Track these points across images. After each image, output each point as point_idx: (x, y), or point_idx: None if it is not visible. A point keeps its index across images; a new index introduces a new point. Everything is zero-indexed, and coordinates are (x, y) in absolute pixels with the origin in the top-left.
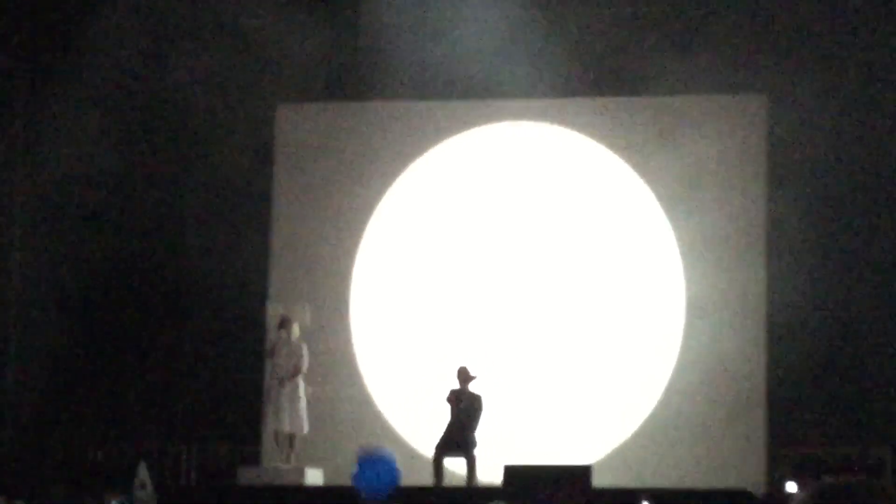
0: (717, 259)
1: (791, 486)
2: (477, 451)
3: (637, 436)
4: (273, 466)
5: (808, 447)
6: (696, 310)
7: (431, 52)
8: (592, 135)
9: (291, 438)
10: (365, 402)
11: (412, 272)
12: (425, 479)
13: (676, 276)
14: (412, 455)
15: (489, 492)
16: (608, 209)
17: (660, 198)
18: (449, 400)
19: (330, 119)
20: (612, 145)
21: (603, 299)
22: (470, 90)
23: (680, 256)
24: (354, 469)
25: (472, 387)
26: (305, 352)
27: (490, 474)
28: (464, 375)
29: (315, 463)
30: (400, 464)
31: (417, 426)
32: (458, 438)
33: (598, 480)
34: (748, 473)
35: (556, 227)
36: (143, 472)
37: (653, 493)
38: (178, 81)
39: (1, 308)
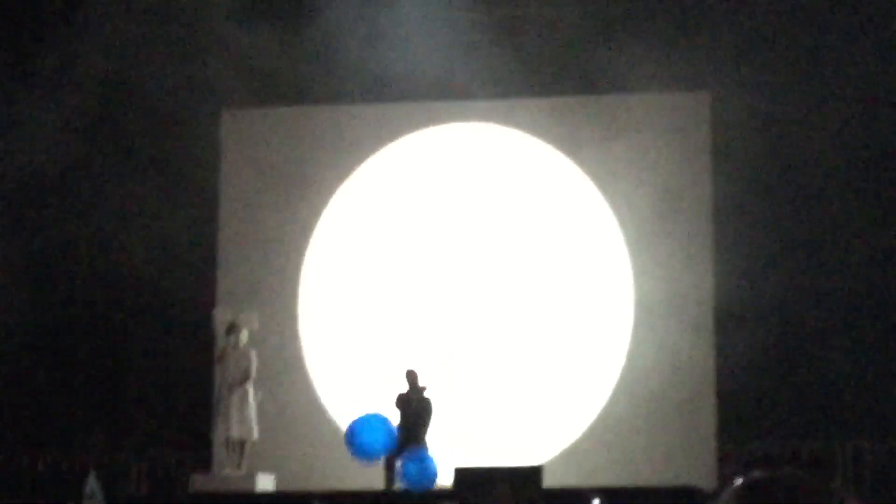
0: (665, 256)
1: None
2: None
3: (587, 435)
4: (224, 473)
5: (758, 443)
6: (644, 307)
7: (377, 54)
8: (539, 134)
9: (242, 445)
10: (315, 406)
11: (361, 275)
12: (377, 482)
13: (624, 274)
14: None
15: (441, 494)
16: (556, 209)
17: (606, 196)
18: (397, 405)
19: (276, 123)
20: (559, 145)
21: (551, 298)
22: (416, 92)
23: (628, 254)
24: (399, 464)
25: (421, 389)
26: (254, 357)
27: (441, 476)
28: (412, 379)
29: (266, 469)
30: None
31: None
32: (409, 441)
33: (549, 480)
34: (699, 470)
35: (505, 228)
36: (92, 482)
37: (604, 492)
38: (128, 81)
39: None
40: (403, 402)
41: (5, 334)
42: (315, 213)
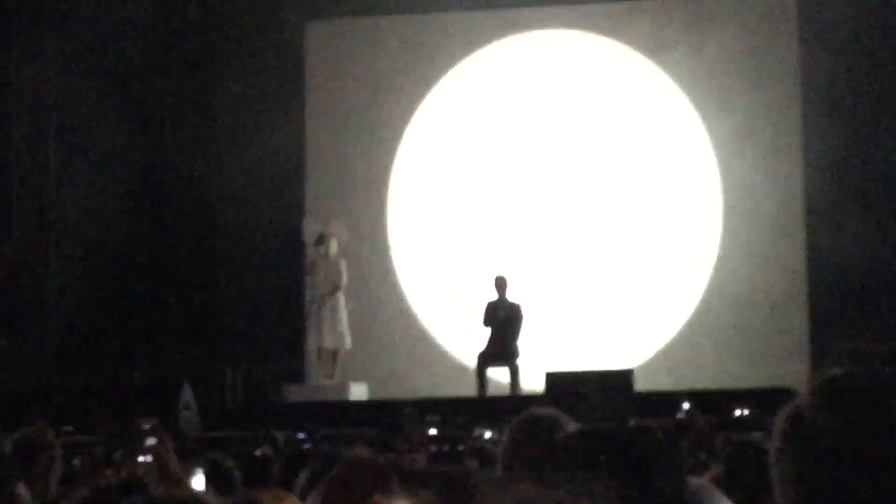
0: (753, 156)
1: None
2: (519, 360)
3: (678, 338)
4: (318, 383)
5: (852, 342)
6: (733, 209)
7: None
8: (620, 38)
9: (335, 354)
10: (406, 315)
11: (448, 184)
12: (470, 389)
13: (712, 176)
14: (455, 366)
15: (532, 399)
16: (640, 112)
17: (691, 97)
18: (487, 313)
19: (360, 34)
20: (641, 48)
21: (639, 203)
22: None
23: (714, 155)
24: None
25: (511, 295)
26: (344, 267)
27: (532, 382)
28: (500, 285)
29: (359, 378)
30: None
31: (459, 337)
32: (501, 348)
33: (641, 384)
34: (792, 371)
35: (590, 133)
36: (187, 394)
37: (696, 395)
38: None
39: (42, 236)
40: (493, 309)
41: (108, 255)
42: (401, 123)
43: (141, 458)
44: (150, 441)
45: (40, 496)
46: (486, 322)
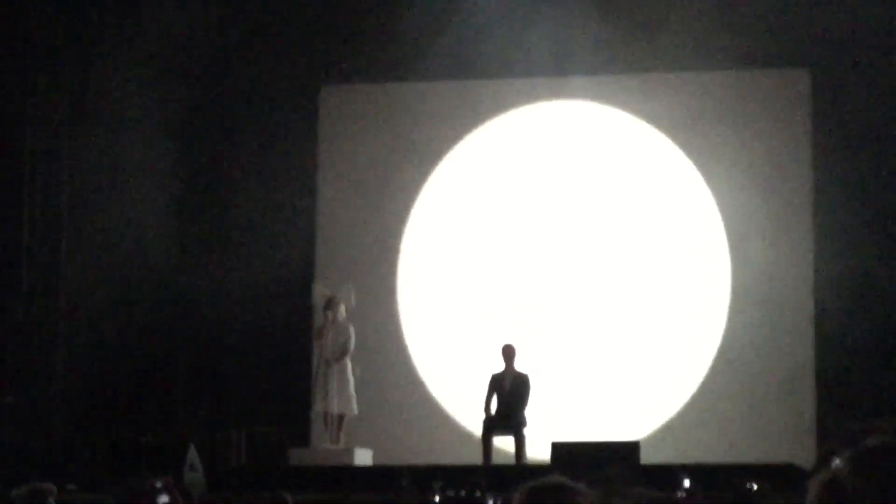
0: (764, 234)
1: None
2: (526, 430)
3: (684, 411)
4: (323, 447)
5: (858, 422)
6: (742, 285)
7: (474, 31)
8: (635, 112)
9: (340, 419)
10: (413, 381)
11: (459, 252)
12: (475, 457)
13: (722, 252)
14: (461, 434)
15: (538, 469)
16: (652, 186)
17: (704, 175)
18: (490, 386)
19: (374, 100)
20: (657, 123)
21: (648, 277)
22: (512, 69)
23: (725, 232)
24: None
25: (519, 365)
26: (352, 332)
27: (538, 451)
28: (508, 354)
29: (364, 443)
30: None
31: (466, 405)
32: (507, 417)
33: (646, 457)
34: (798, 449)
35: (601, 206)
36: (192, 455)
37: (699, 469)
38: (229, 58)
39: (50, 295)
40: (498, 380)
41: (115, 317)
42: (413, 190)
43: None
44: (163, 499)
45: None
46: (490, 394)
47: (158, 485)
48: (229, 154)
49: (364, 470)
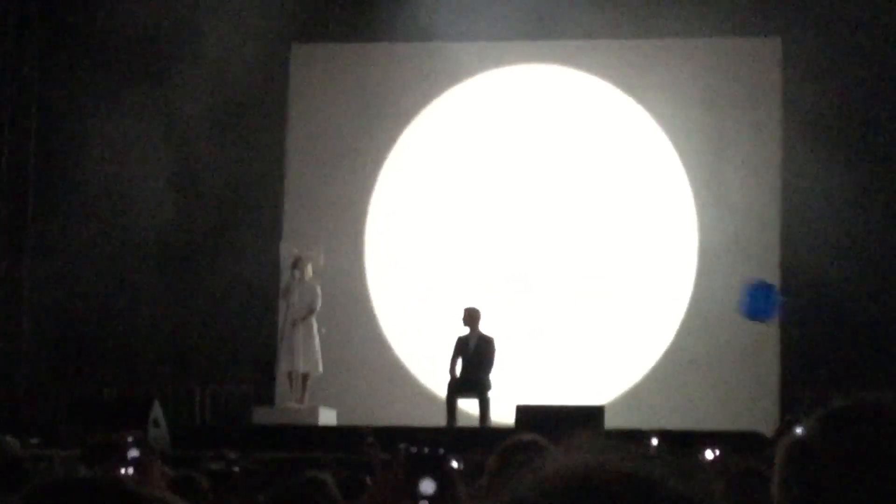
0: (731, 201)
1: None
2: (491, 393)
3: (649, 377)
4: (287, 406)
5: (821, 389)
6: (709, 252)
7: None
8: (606, 77)
9: (305, 378)
10: (379, 342)
11: (426, 213)
12: (439, 419)
13: (689, 218)
14: (425, 396)
15: (501, 432)
16: (621, 150)
17: (673, 140)
18: (456, 347)
19: (345, 59)
20: (627, 88)
21: (616, 240)
22: (484, 33)
23: (693, 198)
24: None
25: (485, 327)
26: (319, 292)
27: (503, 414)
28: (470, 317)
29: (329, 403)
30: (417, 403)
31: (431, 367)
32: (472, 380)
33: (610, 421)
34: (760, 417)
35: (569, 169)
36: (156, 411)
37: (663, 434)
38: (194, 16)
39: (16, 251)
40: (463, 342)
41: (82, 269)
42: (383, 151)
43: (123, 471)
44: (133, 453)
45: None
46: (455, 357)
47: (130, 438)
48: (197, 109)
49: (328, 429)
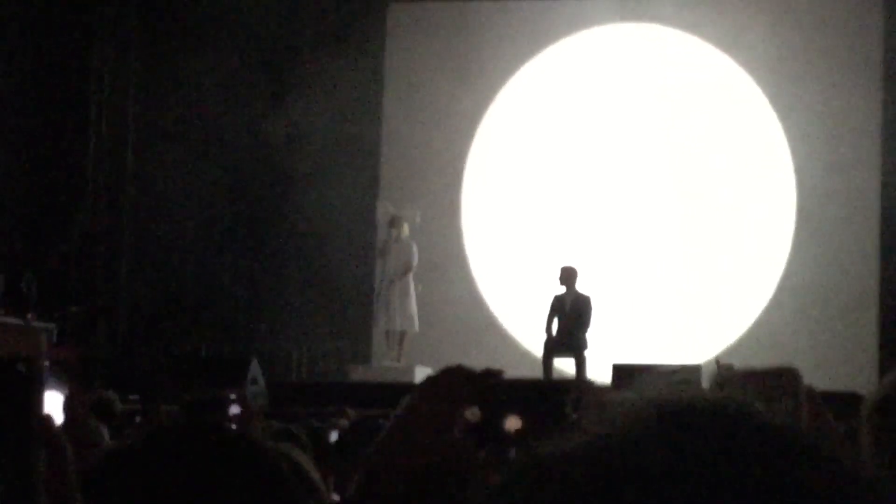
0: (829, 158)
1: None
2: (587, 352)
3: (747, 336)
4: (383, 364)
5: None
6: (807, 212)
7: None
8: (701, 34)
9: (402, 336)
10: (475, 300)
11: (523, 172)
12: (535, 374)
13: (787, 175)
14: (522, 354)
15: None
16: (716, 108)
17: (769, 96)
18: (552, 307)
19: (442, 18)
20: (721, 44)
21: (713, 199)
22: None
23: (790, 155)
24: None
25: (581, 286)
26: (415, 250)
27: (599, 373)
28: (567, 276)
29: (425, 361)
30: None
31: (527, 325)
32: (568, 338)
33: (706, 381)
34: (859, 376)
35: (665, 127)
36: (254, 369)
37: None
38: None
39: (114, 208)
40: (560, 301)
41: (180, 229)
42: (480, 110)
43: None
44: (234, 410)
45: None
46: (552, 316)
47: (231, 395)
48: (296, 69)
49: None
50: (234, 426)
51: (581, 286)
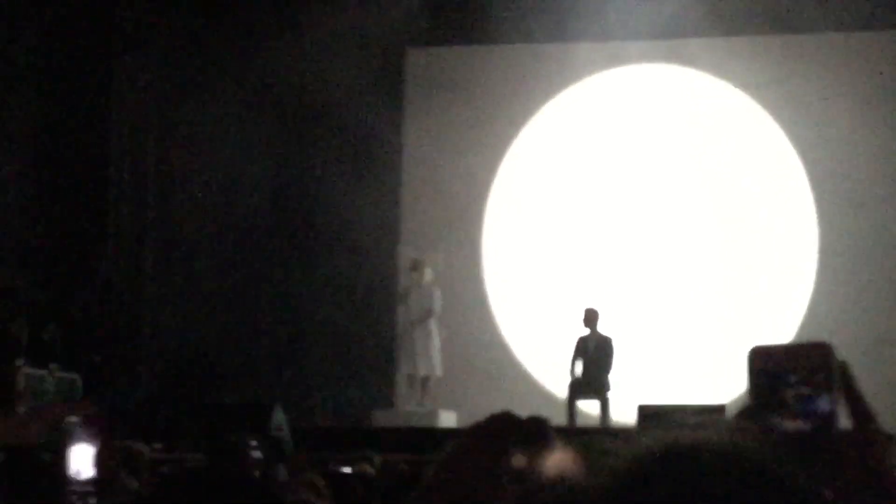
0: (851, 199)
1: None
2: (610, 394)
3: None
4: (407, 409)
5: None
6: (830, 250)
7: None
8: (723, 75)
9: (425, 381)
10: (498, 344)
11: (544, 215)
12: (559, 421)
13: (809, 216)
14: (545, 396)
15: (623, 432)
16: (739, 150)
17: (792, 138)
18: (577, 348)
19: (460, 62)
20: (743, 85)
21: (735, 240)
22: (599, 32)
23: (812, 193)
24: None
25: (603, 328)
26: (438, 294)
27: (624, 415)
28: (591, 317)
29: (449, 405)
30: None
31: (550, 368)
32: (591, 380)
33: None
34: (885, 416)
35: (688, 169)
36: (279, 415)
37: None
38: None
39: (136, 256)
40: (583, 343)
41: (202, 276)
42: (499, 153)
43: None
44: (257, 454)
45: None
46: (575, 357)
47: (253, 442)
48: (315, 115)
49: (448, 432)
50: (256, 472)
51: (602, 327)
